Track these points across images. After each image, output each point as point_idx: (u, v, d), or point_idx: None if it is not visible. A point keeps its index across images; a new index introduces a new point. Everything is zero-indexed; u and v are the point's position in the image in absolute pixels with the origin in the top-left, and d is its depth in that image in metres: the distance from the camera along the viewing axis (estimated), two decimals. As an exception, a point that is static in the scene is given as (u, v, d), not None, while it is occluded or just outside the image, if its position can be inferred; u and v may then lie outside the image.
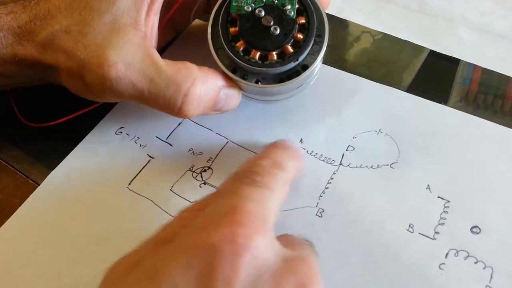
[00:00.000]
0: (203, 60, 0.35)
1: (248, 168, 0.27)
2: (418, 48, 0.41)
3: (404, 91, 0.38)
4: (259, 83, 0.33)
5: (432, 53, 0.41)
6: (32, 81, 0.36)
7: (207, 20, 0.42)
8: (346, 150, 0.35)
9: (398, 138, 0.35)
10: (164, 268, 0.22)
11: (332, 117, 0.37)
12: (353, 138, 0.36)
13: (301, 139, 0.36)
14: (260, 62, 0.33)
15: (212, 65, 0.34)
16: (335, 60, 0.40)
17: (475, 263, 0.30)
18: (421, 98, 0.37)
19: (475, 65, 0.40)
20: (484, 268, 0.29)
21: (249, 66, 0.32)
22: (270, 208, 0.25)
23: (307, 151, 0.35)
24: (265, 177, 0.26)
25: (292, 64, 0.33)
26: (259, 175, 0.26)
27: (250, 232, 0.22)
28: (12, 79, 0.35)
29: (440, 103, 0.37)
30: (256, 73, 0.33)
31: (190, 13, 0.39)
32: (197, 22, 0.42)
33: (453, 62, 0.40)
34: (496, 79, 0.39)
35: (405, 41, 0.41)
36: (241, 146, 0.36)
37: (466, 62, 0.40)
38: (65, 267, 0.32)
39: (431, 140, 0.35)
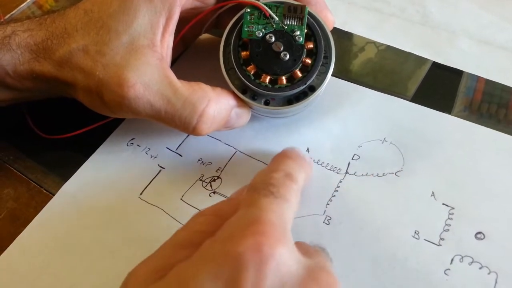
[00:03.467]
0: (210, 73, 0.36)
1: (263, 181, 0.27)
2: (421, 59, 0.42)
3: (409, 100, 0.39)
4: (269, 104, 0.35)
5: (435, 64, 0.41)
6: (47, 95, 0.37)
7: (215, 34, 0.44)
8: (352, 158, 0.36)
9: (403, 146, 0.36)
10: (192, 278, 0.22)
11: (338, 126, 0.38)
12: (359, 147, 0.36)
13: (308, 149, 0.37)
14: (270, 86, 0.34)
15: (219, 77, 0.35)
16: (340, 70, 0.41)
17: (480, 268, 0.30)
18: (425, 108, 0.38)
19: (478, 75, 0.40)
20: (488, 273, 0.30)
21: (260, 89, 0.34)
22: (288, 218, 0.26)
23: (314, 160, 0.36)
24: (281, 188, 0.27)
25: (300, 88, 0.34)
26: (274, 186, 0.27)
27: (274, 241, 0.23)
28: (28, 93, 0.36)
29: (444, 112, 0.38)
30: (266, 95, 0.34)
31: (200, 29, 0.40)
32: (205, 36, 0.43)
33: (457, 72, 0.41)
34: (499, 89, 0.39)
35: (409, 52, 0.42)
36: (249, 156, 0.37)
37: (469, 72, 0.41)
38: (79, 276, 0.32)
39: (435, 148, 0.36)
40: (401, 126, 0.37)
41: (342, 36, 0.44)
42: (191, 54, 0.43)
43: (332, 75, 0.35)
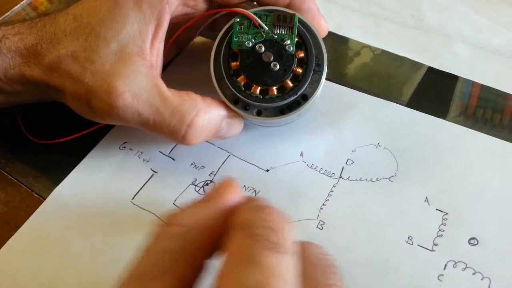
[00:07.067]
0: (204, 76, 0.35)
1: (260, 221, 0.22)
2: (417, 64, 0.42)
3: (404, 105, 0.39)
4: (261, 114, 0.34)
5: (431, 69, 0.41)
6: (38, 98, 0.37)
7: (210, 37, 0.44)
8: (346, 163, 0.36)
9: (397, 151, 0.36)
10: None
11: (332, 131, 0.38)
12: (353, 151, 0.36)
13: (301, 153, 0.36)
14: (261, 96, 0.34)
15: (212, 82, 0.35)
16: (335, 74, 0.41)
17: (473, 274, 0.30)
18: (420, 113, 0.38)
19: (473, 80, 0.40)
20: (482, 279, 0.30)
21: (250, 100, 0.34)
22: (294, 281, 0.21)
23: (307, 165, 0.36)
24: (280, 236, 0.22)
25: (292, 98, 0.34)
26: (274, 233, 0.22)
27: None
28: (19, 97, 0.36)
29: (440, 117, 0.38)
30: (257, 105, 0.34)
31: (194, 33, 0.40)
32: (199, 39, 0.43)
33: (452, 77, 0.41)
34: (494, 94, 0.39)
35: (404, 57, 0.42)
36: (243, 160, 0.37)
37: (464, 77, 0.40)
38: (70, 280, 0.32)
39: (429, 153, 0.36)
40: (396, 131, 0.37)
41: (338, 40, 0.44)
42: (185, 57, 0.43)
43: (327, 79, 0.35)
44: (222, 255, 0.22)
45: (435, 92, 0.40)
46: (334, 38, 0.44)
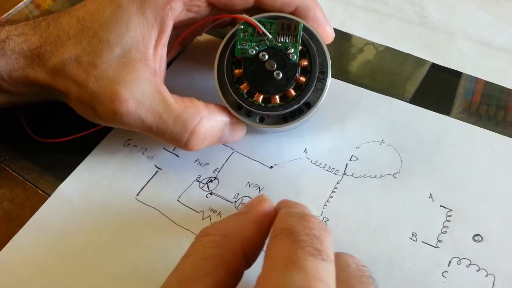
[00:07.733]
0: (207, 73, 0.35)
1: (303, 229, 0.23)
2: (420, 61, 0.42)
3: (408, 102, 0.39)
4: (263, 121, 0.34)
5: (434, 66, 0.41)
6: (42, 99, 0.37)
7: (214, 34, 0.44)
8: (350, 160, 0.36)
9: (401, 148, 0.36)
10: None
11: (336, 127, 0.38)
12: (357, 148, 0.36)
13: (305, 149, 0.36)
14: (263, 105, 0.34)
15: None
16: (339, 71, 0.41)
17: (477, 271, 0.30)
18: (424, 109, 0.38)
19: (477, 77, 0.40)
20: (486, 276, 0.30)
21: (252, 108, 0.34)
22: (334, 287, 0.22)
23: (311, 161, 0.36)
24: (324, 244, 0.23)
25: (294, 107, 0.33)
26: (319, 240, 0.23)
27: None
28: (23, 97, 0.36)
29: (443, 114, 0.38)
30: (260, 113, 0.34)
31: (197, 33, 0.40)
32: (203, 36, 0.43)
33: (455, 73, 0.41)
34: (498, 90, 0.39)
35: (407, 54, 0.42)
36: (247, 156, 0.37)
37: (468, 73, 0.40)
38: (75, 276, 0.32)
39: (433, 150, 0.36)
40: (400, 127, 0.37)
41: (341, 37, 0.44)
42: (189, 54, 0.43)
43: (331, 76, 0.34)
44: (263, 259, 0.23)
45: (438, 88, 0.40)
46: (337, 35, 0.43)
